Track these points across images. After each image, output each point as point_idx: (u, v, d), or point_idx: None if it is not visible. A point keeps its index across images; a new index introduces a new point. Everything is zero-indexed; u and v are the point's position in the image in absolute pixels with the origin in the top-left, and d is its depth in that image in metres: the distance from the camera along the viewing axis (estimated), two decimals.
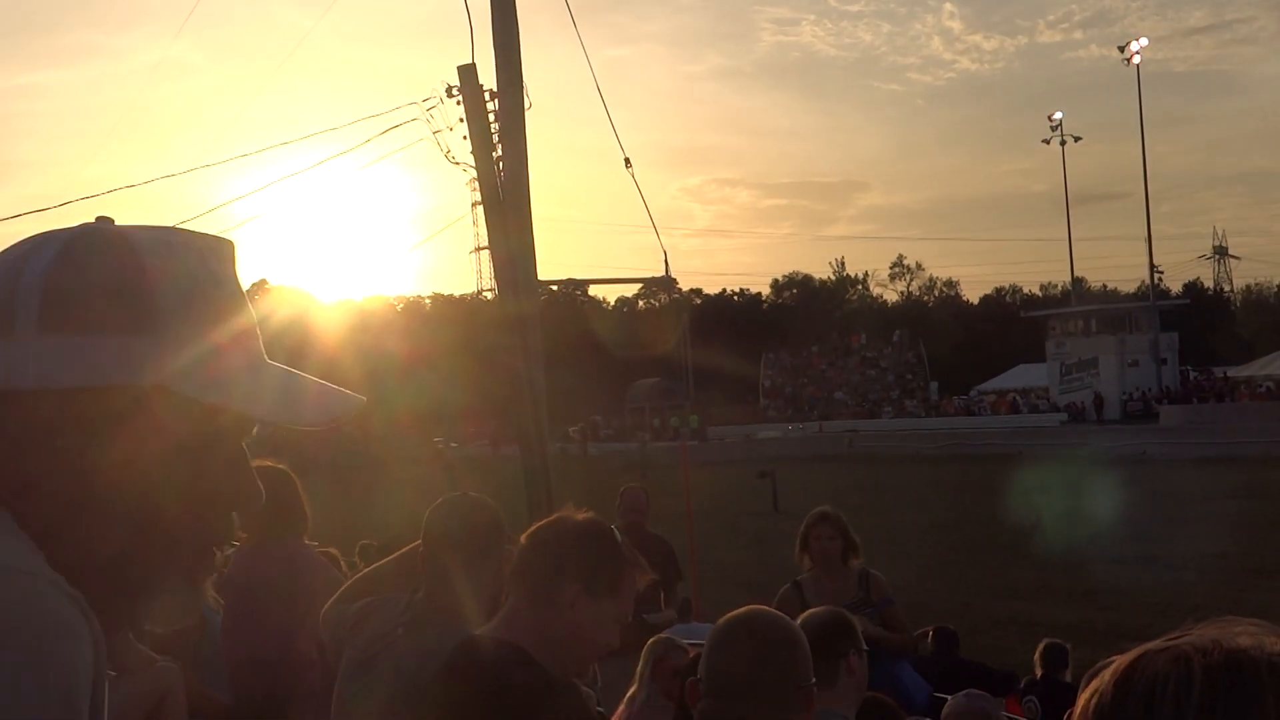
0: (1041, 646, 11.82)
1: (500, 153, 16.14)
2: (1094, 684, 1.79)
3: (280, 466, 6.72)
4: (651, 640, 7.21)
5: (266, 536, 6.56)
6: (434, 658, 3.81)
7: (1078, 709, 1.80)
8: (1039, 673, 11.57)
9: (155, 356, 1.47)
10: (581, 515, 3.74)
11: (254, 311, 1.57)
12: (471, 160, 16.47)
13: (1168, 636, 1.79)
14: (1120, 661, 1.78)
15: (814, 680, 3.16)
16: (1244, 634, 1.73)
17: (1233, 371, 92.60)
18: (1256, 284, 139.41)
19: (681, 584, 11.17)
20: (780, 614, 3.22)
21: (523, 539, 3.78)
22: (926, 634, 12.96)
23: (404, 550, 4.94)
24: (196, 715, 6.64)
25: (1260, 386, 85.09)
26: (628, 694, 6.95)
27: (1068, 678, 11.14)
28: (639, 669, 7.05)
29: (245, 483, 1.58)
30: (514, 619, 3.64)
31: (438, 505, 4.50)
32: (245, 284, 1.58)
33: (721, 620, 3.25)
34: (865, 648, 4.75)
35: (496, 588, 4.30)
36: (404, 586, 4.70)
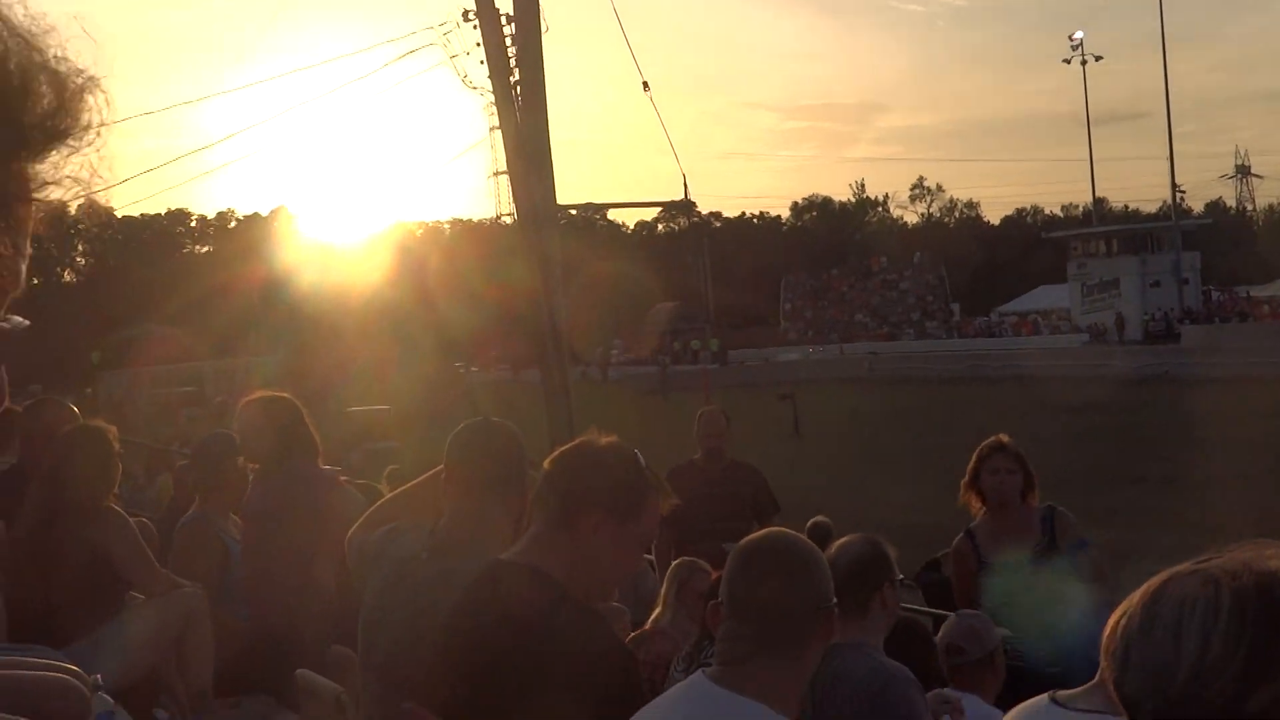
0: None
1: (517, 77, 16.06)
2: (1123, 606, 1.79)
3: (284, 395, 6.88)
4: (675, 563, 7.24)
5: (277, 463, 6.65)
6: (457, 583, 3.82)
7: (1107, 631, 1.80)
8: None
9: None
10: (605, 440, 3.73)
11: None
12: (489, 84, 16.40)
13: (1197, 559, 1.78)
14: (1149, 584, 1.78)
15: (835, 601, 3.16)
16: (1275, 557, 1.72)
17: (1255, 291, 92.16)
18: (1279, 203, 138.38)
19: (779, 516, 9.64)
20: (800, 536, 3.23)
21: (546, 464, 3.78)
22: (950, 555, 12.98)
23: (427, 476, 4.95)
24: (220, 639, 6.72)
25: None
26: (652, 616, 6.98)
27: None
28: (663, 591, 7.08)
29: None
30: (537, 544, 3.64)
31: (460, 431, 4.49)
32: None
33: (742, 543, 3.26)
34: (900, 577, 4.76)
35: (519, 513, 4.31)
36: (427, 513, 4.71)
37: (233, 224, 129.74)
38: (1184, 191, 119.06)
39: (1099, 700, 2.70)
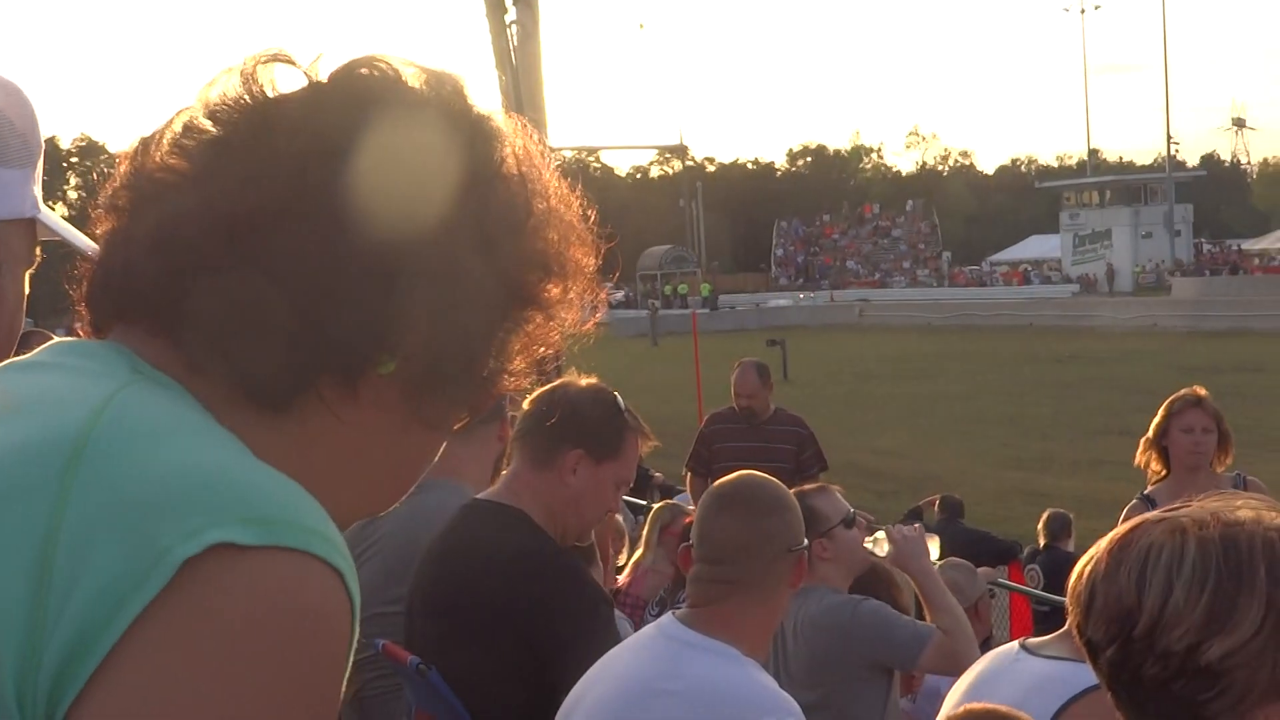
0: (1045, 516, 11.89)
1: (513, 16, 15.97)
2: (1091, 551, 1.79)
3: None
4: (657, 506, 7.24)
5: None
6: (436, 521, 3.82)
7: (1074, 576, 1.80)
8: (1042, 542, 11.65)
9: (32, 188, 1.61)
10: (584, 381, 3.73)
11: None
12: (486, 24, 16.29)
13: (1168, 507, 1.78)
14: (1118, 530, 1.78)
15: (806, 544, 3.16)
16: (1245, 507, 1.72)
17: (1247, 244, 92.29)
18: (1274, 157, 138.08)
19: (826, 474, 9.04)
20: (771, 478, 3.21)
21: (525, 404, 3.78)
22: (932, 503, 13.05)
23: None
24: None
25: (1273, 260, 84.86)
26: (632, 559, 6.99)
27: (1070, 547, 11.21)
28: (644, 534, 7.09)
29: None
30: (515, 483, 3.65)
31: None
32: None
33: (713, 485, 3.25)
34: (846, 518, 4.69)
35: (499, 452, 4.31)
36: None
37: None
38: (1178, 144, 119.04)
39: (1068, 648, 2.71)
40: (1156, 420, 6.48)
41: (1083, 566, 1.79)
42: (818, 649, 4.46)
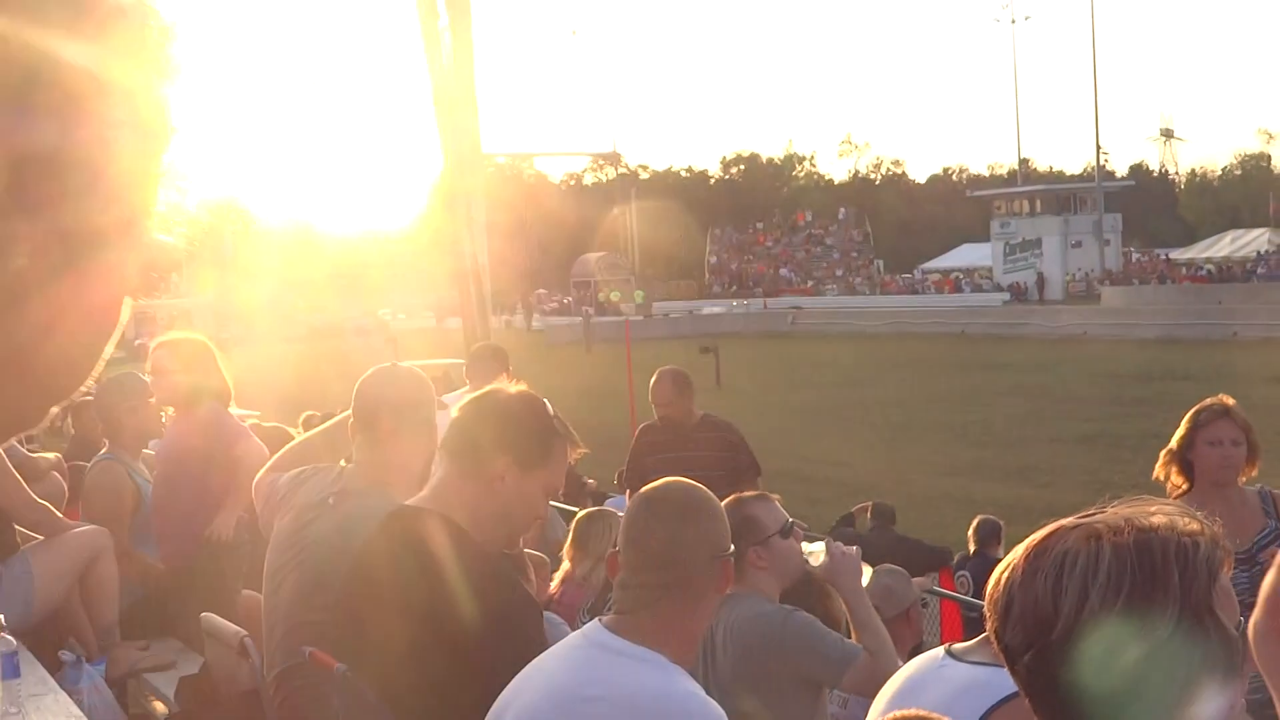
0: (975, 522, 11.96)
1: (445, 22, 15.93)
2: (1009, 558, 1.81)
3: (198, 337, 6.82)
4: (579, 515, 7.21)
5: (188, 406, 6.58)
6: (363, 528, 3.81)
7: (991, 583, 1.82)
8: (972, 548, 11.72)
9: None
10: (514, 388, 3.73)
11: None
12: (419, 30, 16.23)
13: (1082, 513, 1.80)
14: (1034, 537, 1.80)
15: (732, 549, 3.15)
16: (1159, 513, 1.74)
17: (1175, 253, 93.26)
18: (1202, 167, 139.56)
19: (761, 479, 8.87)
20: (697, 485, 3.20)
21: (454, 411, 3.77)
22: (865, 509, 13.09)
23: (335, 420, 4.93)
24: (138, 580, 6.70)
25: (1201, 269, 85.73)
26: (561, 572, 6.93)
27: (1000, 553, 11.28)
28: (572, 543, 7.03)
29: None
30: (444, 490, 3.63)
31: (368, 375, 4.48)
32: None
33: (639, 492, 3.25)
34: (784, 528, 4.67)
35: (427, 458, 4.29)
36: (335, 457, 4.69)
37: None
38: (1107, 154, 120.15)
39: (992, 653, 2.73)
40: (1180, 432, 5.94)
41: (1000, 573, 1.80)
42: (747, 657, 4.46)
